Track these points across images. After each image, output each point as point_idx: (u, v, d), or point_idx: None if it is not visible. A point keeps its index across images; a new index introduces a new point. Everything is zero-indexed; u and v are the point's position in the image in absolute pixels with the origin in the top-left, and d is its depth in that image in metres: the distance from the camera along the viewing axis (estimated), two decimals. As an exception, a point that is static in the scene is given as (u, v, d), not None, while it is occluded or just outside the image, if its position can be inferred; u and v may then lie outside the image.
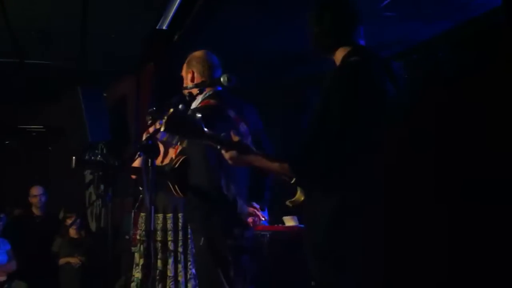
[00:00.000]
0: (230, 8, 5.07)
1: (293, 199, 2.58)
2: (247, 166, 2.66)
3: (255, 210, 3.47)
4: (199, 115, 2.51)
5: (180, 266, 4.49)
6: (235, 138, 2.50)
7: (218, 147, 2.51)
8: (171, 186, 3.60)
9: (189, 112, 3.32)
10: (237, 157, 2.49)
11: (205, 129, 2.45)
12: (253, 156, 2.49)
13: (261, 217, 3.52)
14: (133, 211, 5.29)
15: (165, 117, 2.42)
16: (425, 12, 5.11)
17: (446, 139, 2.27)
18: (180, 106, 2.49)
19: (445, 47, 5.09)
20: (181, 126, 2.42)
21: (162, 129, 2.42)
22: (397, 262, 2.21)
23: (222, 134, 2.52)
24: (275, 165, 2.42)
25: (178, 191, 3.60)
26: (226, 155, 2.51)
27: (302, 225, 6.19)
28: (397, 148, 2.26)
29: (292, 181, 2.48)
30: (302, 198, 2.53)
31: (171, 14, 5.17)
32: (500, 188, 2.09)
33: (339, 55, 2.45)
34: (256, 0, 4.93)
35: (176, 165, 3.61)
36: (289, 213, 6.32)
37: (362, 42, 2.48)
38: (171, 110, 2.44)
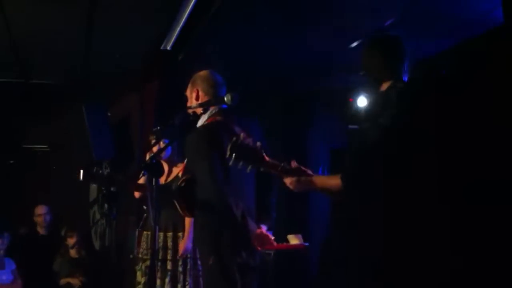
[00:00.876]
0: (233, 28, 5.10)
1: None
2: (308, 190, 2.76)
3: (266, 235, 3.45)
4: (259, 143, 2.60)
5: (179, 286, 4.47)
6: (294, 164, 2.66)
7: (279, 174, 2.65)
8: (178, 206, 3.60)
9: (198, 129, 3.34)
10: (298, 182, 2.65)
11: (267, 158, 2.55)
12: (312, 178, 2.68)
13: (271, 241, 3.49)
14: (137, 229, 5.28)
15: (230, 145, 2.50)
16: (429, 30, 5.12)
17: (447, 141, 2.30)
18: (241, 135, 2.59)
19: (449, 64, 5.11)
20: (244, 154, 2.52)
21: (228, 155, 2.52)
22: (398, 263, 2.22)
23: (282, 164, 2.67)
24: (334, 184, 2.57)
25: (186, 211, 3.59)
26: (287, 180, 2.66)
27: (306, 243, 6.18)
28: (399, 151, 2.33)
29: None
30: None
31: (175, 34, 5.20)
32: (502, 189, 2.10)
33: (385, 86, 2.68)
34: (259, 21, 4.96)
35: (183, 184, 3.60)
36: (293, 231, 6.31)
37: (405, 77, 2.75)
38: (234, 138, 2.53)
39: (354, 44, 5.30)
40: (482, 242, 2.11)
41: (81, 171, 3.87)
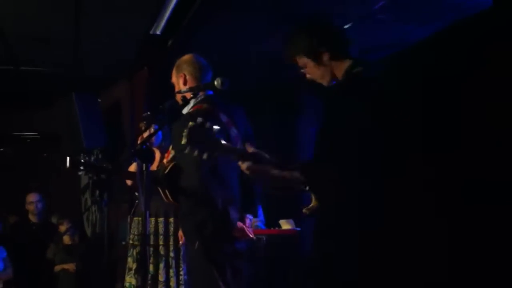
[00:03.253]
0: (223, 13, 5.07)
1: (309, 206, 2.58)
2: (263, 176, 2.65)
3: (244, 226, 3.45)
4: (217, 128, 2.51)
5: (171, 272, 4.47)
6: (250, 150, 2.54)
7: (236, 159, 2.53)
8: (161, 192, 3.59)
9: (184, 117, 3.31)
10: (254, 168, 2.50)
11: (223, 142, 2.47)
12: (270, 166, 2.52)
13: (250, 234, 3.49)
14: (129, 216, 5.28)
15: (186, 131, 2.42)
16: (419, 14, 5.12)
17: (444, 140, 2.28)
18: (198, 120, 2.48)
19: (439, 49, 5.11)
20: (201, 139, 2.43)
21: (183, 142, 2.42)
22: (394, 266, 2.21)
23: (238, 147, 2.59)
24: (294, 173, 2.44)
25: (169, 197, 3.59)
26: (243, 166, 2.52)
27: (298, 228, 6.20)
28: (395, 150, 2.28)
29: (307, 188, 2.50)
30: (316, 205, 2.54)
31: (164, 19, 5.17)
32: (501, 189, 2.09)
33: (341, 69, 2.54)
34: (249, 6, 4.94)
35: (167, 171, 3.60)
36: (285, 216, 6.32)
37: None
38: (191, 123, 2.44)
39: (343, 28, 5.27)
40: (482, 243, 2.11)
41: (68, 158, 3.85)
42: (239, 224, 3.38)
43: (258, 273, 5.72)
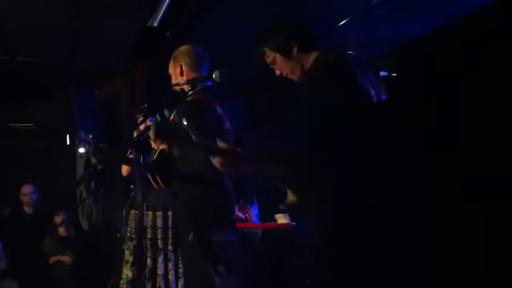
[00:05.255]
0: (221, 4, 5.05)
1: (287, 201, 2.55)
2: (238, 172, 2.60)
3: (247, 211, 3.45)
4: (185, 123, 2.47)
5: (170, 265, 4.46)
6: (222, 145, 2.44)
7: (210, 154, 2.46)
8: (150, 178, 3.56)
9: (184, 104, 3.29)
10: (227, 164, 2.44)
11: (193, 138, 2.41)
12: (246, 160, 2.47)
13: (251, 216, 3.49)
14: (124, 208, 5.26)
15: (152, 125, 2.38)
16: (418, 9, 5.10)
17: (444, 138, 2.26)
18: (165, 112, 2.43)
19: (439, 44, 5.09)
20: (169, 133, 2.39)
21: (152, 138, 2.37)
22: (393, 263, 2.20)
23: (210, 142, 2.47)
24: (274, 164, 2.43)
25: (160, 182, 3.56)
26: (216, 161, 2.45)
27: (294, 223, 6.20)
28: (394, 149, 2.27)
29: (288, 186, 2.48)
30: (296, 200, 2.51)
31: (162, 11, 5.15)
32: (501, 187, 2.08)
33: (310, 59, 2.56)
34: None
35: (155, 157, 3.58)
36: (281, 210, 6.32)
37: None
38: (158, 117, 2.39)
39: (342, 22, 5.26)
40: (481, 240, 2.10)
41: (68, 136, 3.85)
42: (243, 210, 3.38)
43: (254, 267, 5.71)
